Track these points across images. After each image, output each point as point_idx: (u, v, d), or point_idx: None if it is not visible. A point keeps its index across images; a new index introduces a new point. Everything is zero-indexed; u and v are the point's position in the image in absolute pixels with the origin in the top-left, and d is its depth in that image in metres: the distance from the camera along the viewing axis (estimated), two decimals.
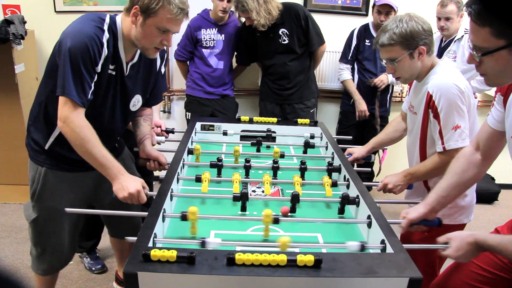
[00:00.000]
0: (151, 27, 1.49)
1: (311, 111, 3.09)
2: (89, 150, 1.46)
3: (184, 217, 1.31)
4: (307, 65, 3.02)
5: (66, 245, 1.79)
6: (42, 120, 1.63)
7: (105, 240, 2.58)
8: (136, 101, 1.74)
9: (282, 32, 2.87)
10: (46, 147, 1.63)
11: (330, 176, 1.79)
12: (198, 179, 1.63)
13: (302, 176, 1.78)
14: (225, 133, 2.29)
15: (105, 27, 1.49)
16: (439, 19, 2.82)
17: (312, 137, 2.28)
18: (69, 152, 1.56)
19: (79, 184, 1.71)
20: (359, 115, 3.12)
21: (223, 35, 2.99)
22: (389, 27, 1.57)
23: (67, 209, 1.48)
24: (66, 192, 1.68)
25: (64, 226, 1.74)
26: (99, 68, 1.49)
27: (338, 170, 1.82)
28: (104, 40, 1.48)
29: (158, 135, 2.18)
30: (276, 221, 1.33)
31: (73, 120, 1.44)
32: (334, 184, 1.68)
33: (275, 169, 1.81)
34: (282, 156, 1.96)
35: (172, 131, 2.31)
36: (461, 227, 1.73)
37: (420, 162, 1.72)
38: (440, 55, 2.88)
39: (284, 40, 2.88)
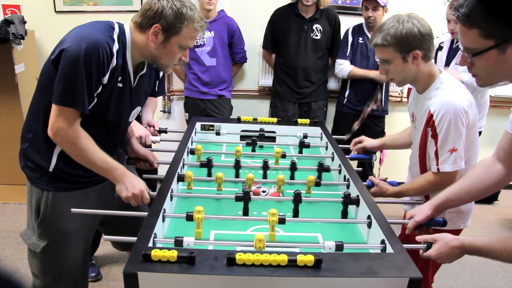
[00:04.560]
0: (174, 45, 1.44)
1: (324, 109, 3.16)
2: (89, 158, 1.41)
3: (189, 217, 1.29)
4: (326, 66, 3.12)
5: (82, 267, 1.65)
6: (42, 139, 1.47)
7: (103, 249, 2.55)
8: (136, 112, 1.65)
9: (316, 28, 2.95)
10: (51, 169, 1.50)
11: (320, 177, 1.78)
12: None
13: (292, 176, 1.78)
14: (217, 133, 2.29)
15: (115, 37, 1.39)
16: (448, 21, 2.69)
17: (306, 136, 2.27)
18: (74, 168, 1.50)
19: (84, 202, 1.58)
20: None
21: (212, 32, 3.00)
22: (384, 27, 1.50)
23: (73, 210, 1.41)
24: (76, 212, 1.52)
25: (79, 248, 1.61)
26: (105, 80, 1.38)
27: (327, 169, 1.80)
28: (114, 51, 1.37)
29: (152, 135, 2.14)
30: (282, 221, 1.30)
31: (68, 132, 1.35)
32: (317, 184, 1.65)
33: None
34: (283, 156, 1.95)
35: (165, 131, 2.28)
36: (457, 232, 1.70)
37: (421, 174, 1.67)
38: (451, 57, 2.79)
39: (316, 35, 2.96)
